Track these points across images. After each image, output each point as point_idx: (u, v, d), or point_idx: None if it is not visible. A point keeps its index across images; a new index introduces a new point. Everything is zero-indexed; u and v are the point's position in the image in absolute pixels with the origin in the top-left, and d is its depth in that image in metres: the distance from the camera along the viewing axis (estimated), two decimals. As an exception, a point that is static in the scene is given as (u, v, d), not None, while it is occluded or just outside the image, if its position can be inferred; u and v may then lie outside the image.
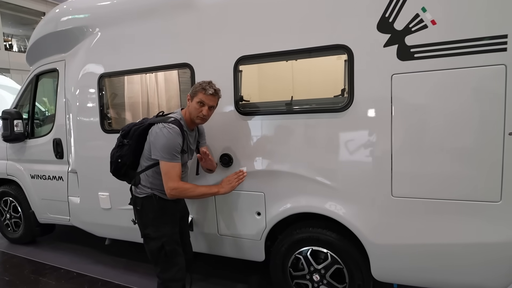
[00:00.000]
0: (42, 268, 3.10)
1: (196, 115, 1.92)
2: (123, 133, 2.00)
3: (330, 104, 2.04)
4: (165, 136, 1.81)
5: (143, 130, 1.94)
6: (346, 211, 2.00)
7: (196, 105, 1.89)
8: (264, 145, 2.17)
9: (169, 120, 1.87)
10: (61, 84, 3.08)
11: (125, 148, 1.97)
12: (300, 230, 2.21)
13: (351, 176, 1.96)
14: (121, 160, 1.97)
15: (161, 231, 1.96)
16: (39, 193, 3.38)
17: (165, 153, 1.82)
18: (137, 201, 2.00)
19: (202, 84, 1.89)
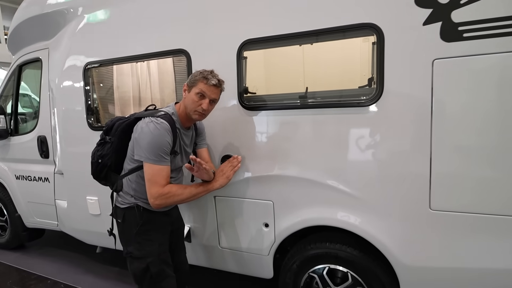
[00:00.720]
0: (27, 278, 2.83)
1: (193, 109, 1.58)
2: (106, 128, 1.69)
3: (354, 96, 1.69)
4: (151, 133, 1.48)
5: (128, 125, 1.61)
6: (372, 225, 1.67)
7: (195, 96, 1.55)
8: (273, 145, 1.84)
9: (158, 114, 1.55)
10: (45, 75, 2.76)
11: (106, 146, 1.65)
12: (315, 245, 1.88)
13: (379, 185, 1.62)
14: (101, 160, 1.65)
15: (146, 249, 1.64)
16: (25, 196, 3.09)
17: (150, 153, 1.48)
18: (118, 212, 1.68)
19: (203, 73, 1.57)
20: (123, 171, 1.68)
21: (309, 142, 1.73)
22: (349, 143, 1.65)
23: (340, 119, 1.65)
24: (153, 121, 1.50)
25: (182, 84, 2.15)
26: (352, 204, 1.69)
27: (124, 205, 1.66)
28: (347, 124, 1.64)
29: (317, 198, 1.77)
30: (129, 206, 1.65)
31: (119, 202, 1.68)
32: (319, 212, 1.79)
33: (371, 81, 1.69)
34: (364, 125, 1.60)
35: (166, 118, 1.54)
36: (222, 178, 1.70)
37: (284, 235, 1.90)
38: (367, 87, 1.72)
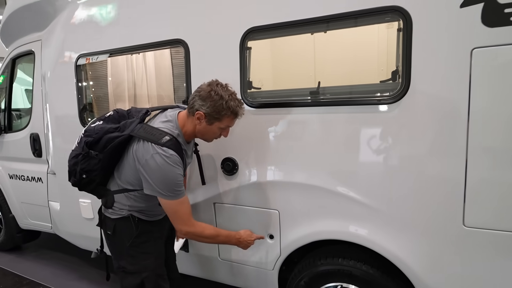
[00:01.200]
0: (19, 283, 2.68)
1: (212, 139, 1.49)
2: (90, 141, 1.37)
3: (374, 93, 1.47)
4: (161, 169, 1.28)
5: (121, 144, 1.37)
6: (392, 241, 1.45)
7: (217, 130, 1.41)
8: (279, 148, 1.62)
9: (163, 141, 1.30)
10: (38, 68, 2.60)
11: (93, 162, 1.39)
12: (325, 261, 1.66)
13: (401, 195, 1.40)
14: (87, 176, 1.42)
15: (141, 263, 1.47)
16: (19, 196, 2.94)
17: (164, 189, 1.31)
18: (107, 222, 1.49)
19: (230, 105, 1.33)
20: (116, 186, 1.47)
21: (321, 145, 1.51)
22: (368, 147, 1.42)
23: (357, 118, 1.42)
24: (160, 154, 1.27)
25: (180, 79, 1.95)
26: (369, 216, 1.47)
27: (115, 215, 1.47)
28: (366, 124, 1.41)
29: (330, 209, 1.56)
30: (121, 216, 1.46)
31: (108, 212, 1.49)
32: (331, 224, 1.57)
33: (396, 74, 1.46)
34: (386, 125, 1.37)
35: (173, 145, 1.32)
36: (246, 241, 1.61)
37: (291, 248, 1.69)
38: (390, 82, 1.48)
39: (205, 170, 1.83)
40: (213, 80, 1.39)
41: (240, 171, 1.74)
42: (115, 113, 1.54)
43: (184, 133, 1.42)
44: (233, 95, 1.37)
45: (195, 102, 1.35)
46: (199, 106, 1.34)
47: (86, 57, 2.16)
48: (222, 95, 1.32)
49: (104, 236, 1.55)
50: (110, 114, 1.53)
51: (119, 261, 1.50)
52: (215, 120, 1.35)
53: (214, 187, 1.82)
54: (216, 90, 1.33)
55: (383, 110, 1.37)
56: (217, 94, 1.32)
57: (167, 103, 2.17)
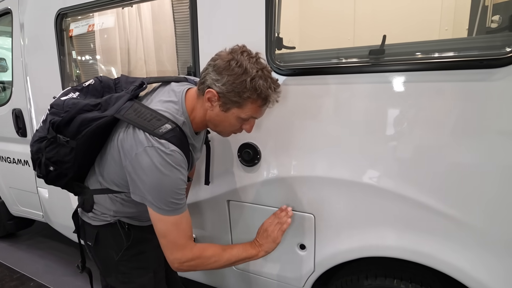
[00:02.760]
0: (8, 277, 2.39)
1: (229, 132, 1.02)
2: (57, 121, 0.96)
3: (469, 51, 0.98)
4: (156, 171, 0.86)
5: (100, 129, 0.96)
6: (480, 265, 1.02)
7: (236, 120, 0.95)
8: (319, 132, 1.18)
9: (162, 131, 0.88)
10: (16, 31, 2.17)
11: (63, 151, 0.99)
12: (375, 281, 1.26)
13: (501, 203, 0.95)
14: (55, 169, 1.02)
15: (135, 281, 1.12)
16: (6, 180, 2.61)
17: (159, 201, 0.89)
18: (87, 230, 1.11)
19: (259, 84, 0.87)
20: (96, 184, 1.07)
21: (383, 128, 1.06)
22: (456, 131, 0.97)
23: (442, 89, 0.96)
24: (157, 149, 0.86)
25: (184, 40, 1.50)
26: (446, 231, 1.04)
27: (97, 221, 1.08)
28: (455, 98, 0.95)
29: (388, 217, 1.13)
30: (106, 223, 1.08)
31: (88, 217, 1.10)
32: (390, 237, 1.15)
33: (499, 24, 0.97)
34: (486, 100, 0.91)
35: (176, 138, 0.90)
36: (268, 243, 1.11)
37: (328, 264, 1.29)
38: (493, 36, 1.00)
39: (217, 160, 1.41)
40: (238, 45, 0.92)
41: (263, 161, 1.31)
42: (97, 81, 1.12)
43: (192, 120, 0.99)
44: (265, 70, 0.89)
45: (207, 76, 0.91)
46: (211, 82, 0.89)
47: (68, 11, 1.71)
48: (247, 67, 0.85)
49: (85, 248, 1.17)
50: (90, 83, 1.11)
51: (106, 278, 1.14)
52: (233, 105, 0.90)
53: (228, 181, 1.41)
54: (239, 60, 0.86)
55: (482, 79, 0.90)
56: (240, 66, 0.86)
57: (169, 71, 1.73)
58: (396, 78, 1.01)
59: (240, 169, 1.37)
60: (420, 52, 1.00)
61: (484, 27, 1.13)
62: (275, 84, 0.91)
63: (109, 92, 1.09)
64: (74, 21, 1.80)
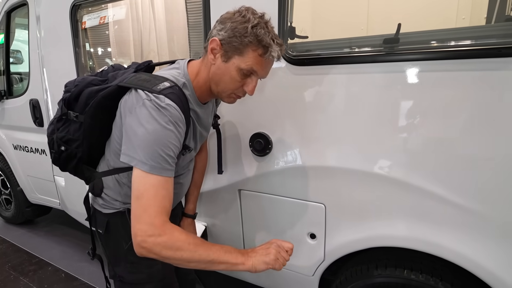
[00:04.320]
0: (27, 262, 2.49)
1: (229, 90, 0.94)
2: (67, 96, 1.02)
3: (487, 39, 0.96)
4: (148, 120, 0.82)
5: (108, 98, 0.95)
6: (491, 255, 1.02)
7: (236, 73, 0.90)
8: (332, 121, 1.18)
9: (159, 88, 0.86)
10: (32, 23, 2.21)
11: (73, 127, 1.02)
12: (385, 271, 1.27)
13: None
14: (66, 148, 1.04)
15: (143, 271, 1.12)
16: (24, 168, 2.70)
17: (147, 154, 0.82)
18: (98, 218, 1.13)
19: (258, 29, 0.85)
20: (104, 166, 1.08)
21: (396, 118, 1.06)
22: (472, 120, 0.96)
23: (457, 78, 0.94)
24: (153, 101, 0.83)
25: (196, 28, 1.51)
26: (463, 223, 1.04)
27: (107, 209, 1.10)
28: (473, 88, 0.93)
29: (399, 207, 1.13)
30: (116, 211, 1.09)
31: (98, 204, 1.12)
32: (400, 227, 1.15)
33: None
34: (505, 89, 0.89)
35: (175, 96, 0.87)
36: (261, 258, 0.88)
37: (338, 253, 1.30)
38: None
39: (229, 150, 1.43)
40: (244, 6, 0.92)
41: (275, 151, 1.33)
42: (110, 67, 1.14)
43: (195, 84, 0.97)
44: (268, 24, 0.88)
45: (213, 31, 0.92)
46: (215, 33, 0.90)
47: (83, 3, 1.74)
48: (250, 17, 0.86)
49: (95, 236, 1.20)
50: (104, 69, 1.14)
51: (115, 268, 1.14)
52: (234, 52, 0.88)
53: (240, 170, 1.43)
54: (243, 12, 0.88)
55: (499, 67, 0.88)
56: (244, 16, 0.87)
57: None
58: (410, 68, 1.00)
59: (251, 158, 1.39)
60: (436, 41, 0.99)
61: (503, 15, 1.10)
62: (277, 37, 0.89)
63: None
64: (88, 12, 1.83)
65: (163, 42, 1.67)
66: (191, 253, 0.81)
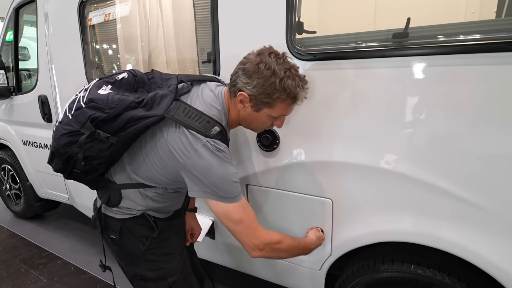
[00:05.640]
0: (37, 255, 2.54)
1: (260, 128, 1.11)
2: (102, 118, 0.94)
3: (497, 33, 0.95)
4: (218, 163, 0.95)
5: (148, 127, 0.98)
6: (498, 251, 1.02)
7: (267, 119, 1.02)
8: (339, 117, 1.19)
9: (213, 134, 0.97)
10: (41, 20, 2.23)
11: (100, 146, 0.98)
12: (391, 266, 1.27)
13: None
14: (85, 164, 1.01)
15: (165, 267, 1.17)
16: (33, 164, 2.74)
17: (226, 190, 0.97)
18: (111, 224, 1.12)
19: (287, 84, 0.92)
20: (125, 179, 1.08)
21: (404, 113, 1.06)
22: (483, 118, 0.95)
23: (466, 72, 0.94)
24: (214, 146, 0.95)
25: (204, 25, 1.51)
26: (468, 218, 1.04)
27: (121, 215, 1.10)
28: (488, 82, 0.93)
29: (406, 202, 1.14)
30: (132, 216, 1.10)
31: (112, 212, 1.11)
32: (407, 222, 1.15)
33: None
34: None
35: (223, 139, 1.01)
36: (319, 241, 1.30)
37: (345, 248, 1.31)
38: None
39: (236, 145, 1.44)
40: (265, 47, 0.97)
41: (282, 146, 1.33)
42: (131, 76, 1.05)
43: (229, 116, 1.07)
44: (293, 70, 0.94)
45: (237, 79, 0.96)
46: (242, 85, 0.95)
47: (90, 5, 1.75)
48: (275, 69, 0.90)
49: (107, 243, 1.18)
50: (124, 76, 1.04)
51: (134, 268, 1.16)
52: (264, 105, 0.97)
53: (247, 166, 1.44)
54: (268, 63, 0.91)
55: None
56: (268, 68, 0.90)
57: (187, 58, 1.74)
58: (419, 62, 0.99)
59: (259, 154, 1.39)
60: (446, 35, 0.98)
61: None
62: (303, 81, 0.96)
63: (143, 87, 1.05)
64: (96, 9, 1.84)
65: (170, 38, 1.68)
66: (290, 251, 1.15)
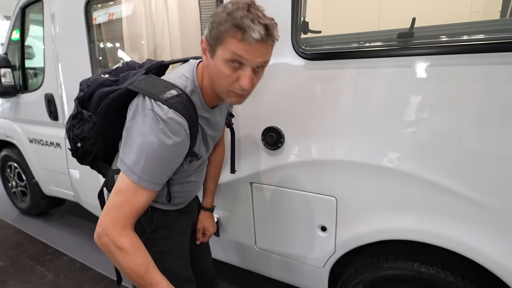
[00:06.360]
0: (43, 252, 2.57)
1: (225, 88, 0.87)
2: (81, 96, 1.06)
3: (503, 33, 0.96)
4: (148, 135, 0.83)
5: (117, 101, 0.95)
6: (502, 249, 1.03)
7: (224, 67, 0.83)
8: (345, 116, 1.20)
9: (166, 97, 0.85)
10: (47, 19, 2.26)
11: (87, 126, 1.07)
12: (395, 264, 1.28)
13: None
14: (82, 145, 1.09)
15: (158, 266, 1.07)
16: (39, 161, 2.77)
17: (131, 160, 0.84)
18: None
19: (234, 14, 0.78)
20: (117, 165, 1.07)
21: (407, 112, 1.07)
22: (487, 117, 0.96)
23: (478, 74, 0.95)
24: (155, 113, 0.83)
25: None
26: (467, 212, 1.05)
27: None
28: (493, 82, 0.94)
29: (409, 200, 1.14)
30: None
31: None
32: (410, 220, 1.16)
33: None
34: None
35: (181, 106, 0.86)
36: None
37: (349, 246, 1.32)
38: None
39: (241, 144, 1.45)
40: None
41: (287, 145, 1.35)
42: (125, 65, 1.15)
43: (203, 89, 0.94)
44: (251, 7, 0.79)
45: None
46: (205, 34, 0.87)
47: (96, 5, 1.77)
48: (228, 7, 0.80)
49: None
50: (119, 66, 1.16)
51: None
52: (216, 44, 0.82)
53: (252, 164, 1.46)
54: (226, 5, 0.81)
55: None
56: (224, 7, 0.81)
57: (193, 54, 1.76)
58: (425, 62, 1.00)
59: (263, 152, 1.41)
60: (451, 35, 0.99)
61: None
62: (263, 18, 0.79)
63: None
64: (102, 8, 1.86)
65: (175, 37, 1.70)
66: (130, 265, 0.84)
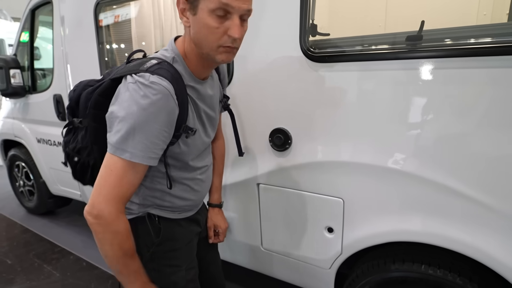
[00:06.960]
0: (50, 250, 2.60)
1: (215, 44, 0.80)
2: (69, 104, 0.99)
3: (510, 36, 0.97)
4: (130, 106, 0.77)
5: (103, 96, 0.88)
6: (509, 251, 1.03)
7: (209, 18, 0.76)
8: (352, 117, 1.20)
9: (147, 66, 0.80)
10: (57, 21, 2.28)
11: (80, 135, 0.98)
12: (402, 266, 1.29)
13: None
14: (78, 158, 0.99)
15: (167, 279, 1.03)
16: (47, 161, 2.80)
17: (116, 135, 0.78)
18: None
19: None
20: None
21: (415, 115, 1.07)
22: (495, 119, 0.96)
23: (486, 76, 0.95)
24: (138, 83, 0.77)
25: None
26: (474, 214, 1.05)
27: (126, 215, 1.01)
28: (501, 85, 0.94)
29: (416, 202, 1.15)
30: (135, 217, 1.00)
31: None
32: (417, 222, 1.17)
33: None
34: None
35: (163, 70, 0.80)
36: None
37: (356, 247, 1.33)
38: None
39: (248, 144, 1.46)
40: None
41: (294, 146, 1.35)
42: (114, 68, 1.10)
43: (185, 56, 0.87)
44: None
45: None
46: None
47: (105, 6, 1.79)
48: None
49: None
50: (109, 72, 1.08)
51: None
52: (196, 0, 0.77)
53: (259, 164, 1.47)
54: None
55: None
56: None
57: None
58: (433, 65, 1.01)
59: (271, 153, 1.42)
60: (459, 38, 0.99)
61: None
62: None
63: None
64: (112, 10, 1.88)
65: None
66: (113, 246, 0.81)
